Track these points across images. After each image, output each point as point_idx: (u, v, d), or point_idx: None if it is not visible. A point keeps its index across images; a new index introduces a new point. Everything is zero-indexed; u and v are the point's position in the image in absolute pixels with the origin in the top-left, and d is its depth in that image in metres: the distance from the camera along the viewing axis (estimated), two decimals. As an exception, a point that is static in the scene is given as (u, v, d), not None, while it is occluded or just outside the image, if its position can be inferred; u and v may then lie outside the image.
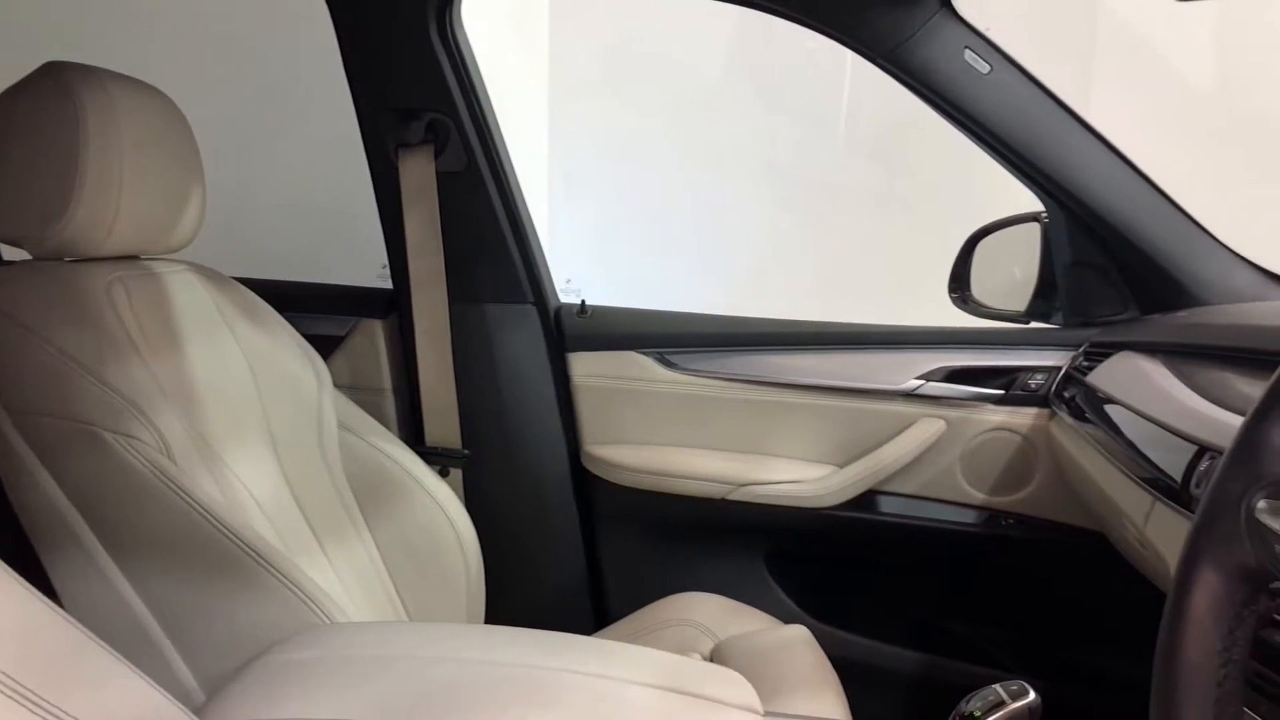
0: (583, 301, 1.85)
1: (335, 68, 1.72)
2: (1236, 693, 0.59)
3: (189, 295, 1.38)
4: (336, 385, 1.55)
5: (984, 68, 1.55)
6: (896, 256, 2.95)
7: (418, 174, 1.71)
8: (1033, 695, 0.88)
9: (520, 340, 1.81)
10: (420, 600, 1.53)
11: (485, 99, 1.73)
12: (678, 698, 0.91)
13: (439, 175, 1.71)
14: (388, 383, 1.83)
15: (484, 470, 1.80)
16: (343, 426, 1.53)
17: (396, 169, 1.72)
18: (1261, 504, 0.56)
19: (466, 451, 1.79)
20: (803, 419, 1.73)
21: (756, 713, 0.91)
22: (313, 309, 1.77)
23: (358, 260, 2.02)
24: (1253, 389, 1.11)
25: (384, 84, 1.70)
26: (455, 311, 1.76)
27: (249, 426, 1.40)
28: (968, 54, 1.55)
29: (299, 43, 2.30)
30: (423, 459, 1.58)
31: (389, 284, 1.84)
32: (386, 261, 1.82)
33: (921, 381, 1.67)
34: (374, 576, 1.51)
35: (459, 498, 1.66)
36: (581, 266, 2.50)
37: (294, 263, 1.96)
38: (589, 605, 1.86)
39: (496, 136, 1.74)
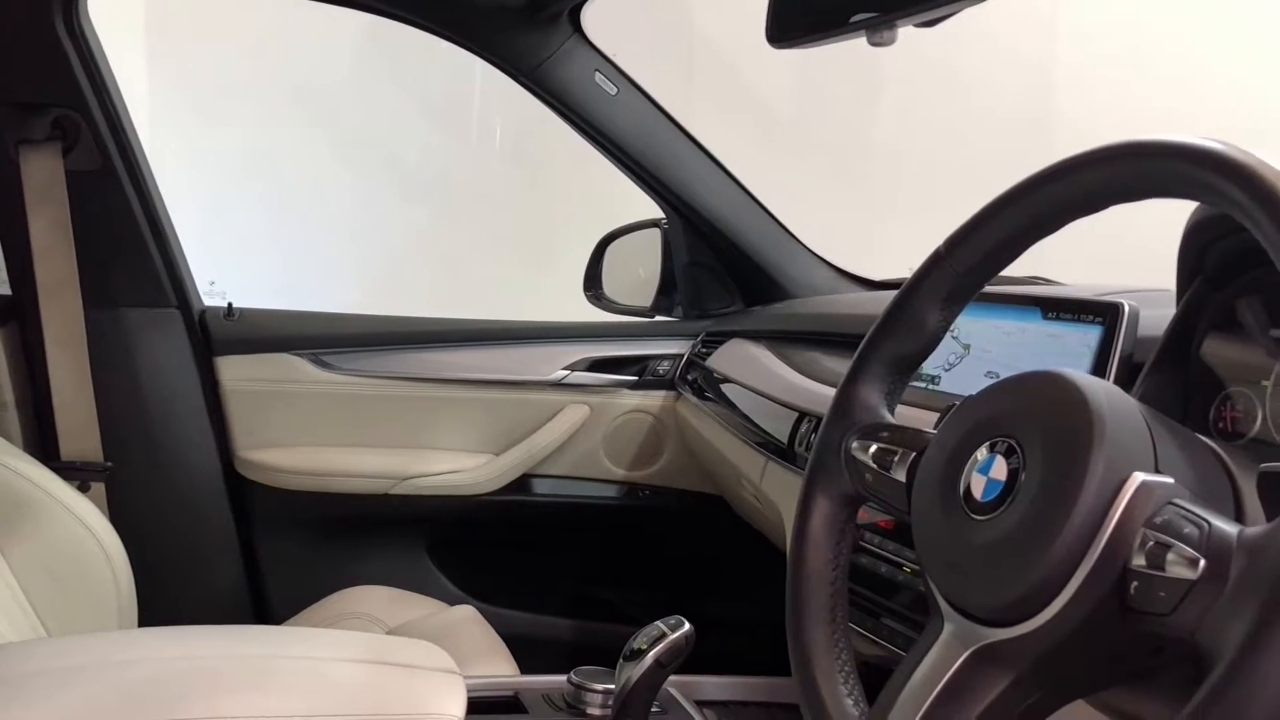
0: (230, 304, 1.82)
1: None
2: (844, 592, 0.78)
3: None
4: None
5: (612, 90, 1.74)
6: (528, 255, 3.12)
7: (43, 173, 1.61)
8: (688, 626, 1.04)
9: (164, 346, 1.76)
10: (65, 620, 1.45)
11: (118, 94, 1.66)
12: (382, 668, 0.98)
13: (68, 174, 1.63)
14: (9, 395, 1.69)
15: (130, 482, 1.73)
16: None
17: (17, 167, 1.60)
18: (855, 444, 0.75)
19: (109, 464, 1.70)
20: (459, 412, 1.84)
21: (455, 673, 1.00)
22: None
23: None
24: (836, 363, 1.37)
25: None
26: (91, 318, 1.67)
27: None
28: (598, 76, 1.73)
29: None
30: (58, 474, 1.50)
31: (5, 289, 1.70)
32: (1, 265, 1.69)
33: (567, 372, 1.84)
34: (11, 601, 1.42)
35: (103, 511, 1.59)
36: (221, 266, 2.41)
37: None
38: (250, 609, 1.84)
39: (132, 134, 1.68)
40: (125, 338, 1.73)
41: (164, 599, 1.67)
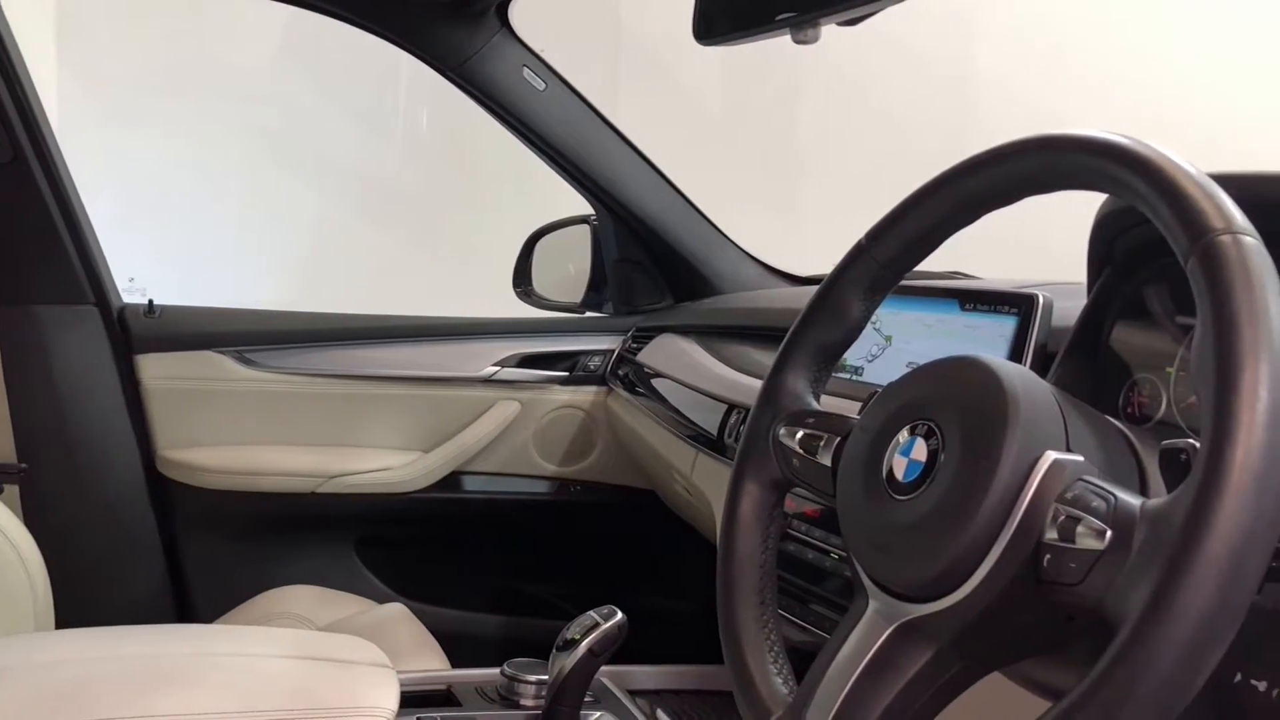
0: (150, 301, 1.78)
1: None
2: (773, 575, 0.80)
3: None
4: None
5: (540, 85, 1.74)
6: (456, 251, 3.10)
7: (-50, 165, 1.56)
8: (620, 615, 1.05)
9: (80, 344, 1.72)
10: None
11: (30, 85, 1.62)
12: (315, 663, 0.97)
13: None
14: (-85, 397, 1.64)
15: (46, 484, 1.68)
16: None
17: None
18: (782, 430, 0.77)
19: (23, 466, 1.66)
20: (387, 409, 1.82)
21: (388, 668, 1.00)
22: None
23: None
24: (764, 356, 1.39)
25: None
26: (3, 316, 1.64)
27: None
28: (526, 72, 1.73)
29: None
30: None
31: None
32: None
33: (497, 368, 1.83)
34: (-78, 609, 1.37)
35: (17, 515, 1.55)
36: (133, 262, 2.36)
37: None
38: (174, 612, 1.81)
39: (44, 125, 1.64)
40: (40, 336, 1.68)
41: (83, 604, 1.63)
